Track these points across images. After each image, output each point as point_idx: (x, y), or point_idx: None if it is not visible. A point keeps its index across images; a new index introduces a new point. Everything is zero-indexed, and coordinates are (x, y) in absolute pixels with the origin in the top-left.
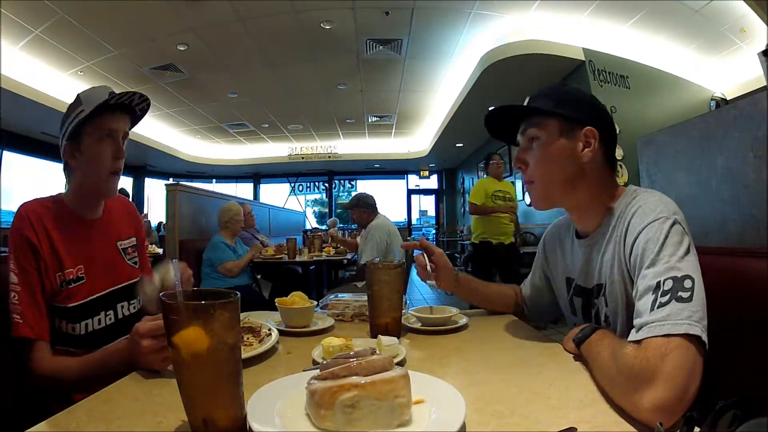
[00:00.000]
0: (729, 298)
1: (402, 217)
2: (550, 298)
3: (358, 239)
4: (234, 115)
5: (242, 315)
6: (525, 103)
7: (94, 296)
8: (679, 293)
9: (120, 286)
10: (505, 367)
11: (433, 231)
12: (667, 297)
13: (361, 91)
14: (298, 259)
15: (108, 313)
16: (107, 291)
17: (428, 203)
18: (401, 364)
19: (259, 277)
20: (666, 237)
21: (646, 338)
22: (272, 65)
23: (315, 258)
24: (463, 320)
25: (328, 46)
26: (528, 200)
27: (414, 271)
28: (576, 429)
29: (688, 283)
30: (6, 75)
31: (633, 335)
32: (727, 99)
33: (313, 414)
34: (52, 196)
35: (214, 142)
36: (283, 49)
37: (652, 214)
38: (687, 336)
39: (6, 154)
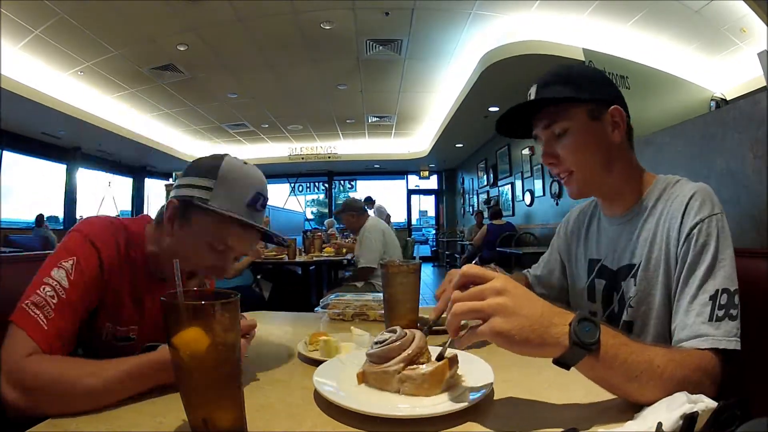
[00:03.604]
0: None
1: (402, 217)
2: (561, 283)
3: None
4: (234, 115)
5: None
6: (534, 92)
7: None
8: (731, 311)
9: (154, 343)
10: (504, 368)
11: (433, 231)
12: (722, 312)
13: (361, 92)
14: (297, 259)
15: None
16: (146, 345)
17: (428, 203)
18: None
19: (259, 277)
20: (723, 234)
21: (710, 348)
22: (272, 65)
23: (315, 258)
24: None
25: (328, 46)
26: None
27: None
28: (577, 429)
29: (737, 299)
30: (6, 75)
31: (691, 341)
32: (727, 99)
33: (425, 390)
34: (128, 229)
35: (214, 142)
36: (283, 49)
37: (710, 204)
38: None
39: (6, 154)
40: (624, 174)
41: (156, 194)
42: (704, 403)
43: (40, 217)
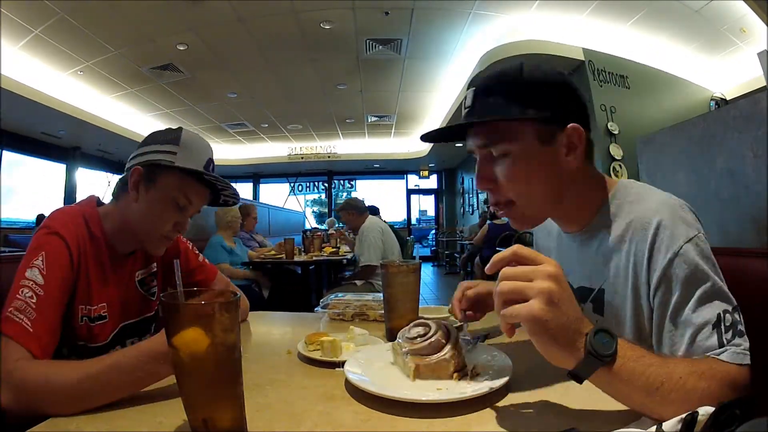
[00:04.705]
0: None
1: (402, 217)
2: None
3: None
4: (234, 115)
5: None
6: (471, 97)
7: (113, 334)
8: (739, 327)
9: (130, 321)
10: None
11: (433, 231)
12: (731, 333)
13: (360, 91)
14: (297, 259)
15: (116, 349)
16: (119, 328)
17: (428, 203)
18: None
19: None
20: (704, 255)
21: (730, 362)
22: (272, 65)
23: (314, 258)
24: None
25: (328, 46)
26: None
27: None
28: (577, 429)
29: (737, 315)
30: (6, 75)
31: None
32: (727, 99)
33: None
34: (83, 211)
35: (214, 142)
36: (283, 49)
37: (681, 228)
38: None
39: (6, 154)
40: (579, 197)
41: None
42: (704, 407)
43: (40, 217)
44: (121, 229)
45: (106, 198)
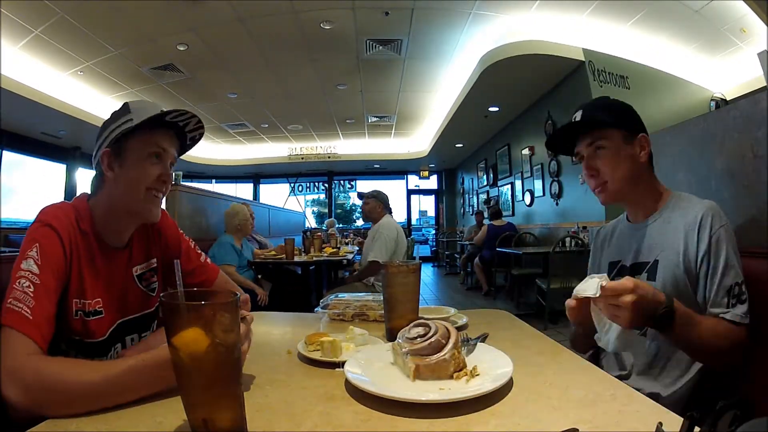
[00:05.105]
0: None
1: (402, 217)
2: None
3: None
4: (234, 115)
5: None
6: (580, 115)
7: (110, 330)
8: (743, 297)
9: (129, 317)
10: None
11: (433, 231)
12: (735, 300)
13: (361, 92)
14: (297, 259)
15: (116, 346)
16: (118, 323)
17: (428, 203)
18: None
19: (259, 277)
20: (729, 237)
21: (732, 321)
22: (272, 65)
23: (315, 258)
24: (463, 320)
25: (328, 46)
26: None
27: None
28: (578, 429)
29: (744, 287)
30: (6, 75)
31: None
32: (727, 99)
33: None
34: (75, 207)
35: (214, 142)
36: (282, 49)
37: (718, 218)
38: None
39: (6, 154)
40: (647, 188)
41: None
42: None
43: None
44: (110, 215)
45: None
